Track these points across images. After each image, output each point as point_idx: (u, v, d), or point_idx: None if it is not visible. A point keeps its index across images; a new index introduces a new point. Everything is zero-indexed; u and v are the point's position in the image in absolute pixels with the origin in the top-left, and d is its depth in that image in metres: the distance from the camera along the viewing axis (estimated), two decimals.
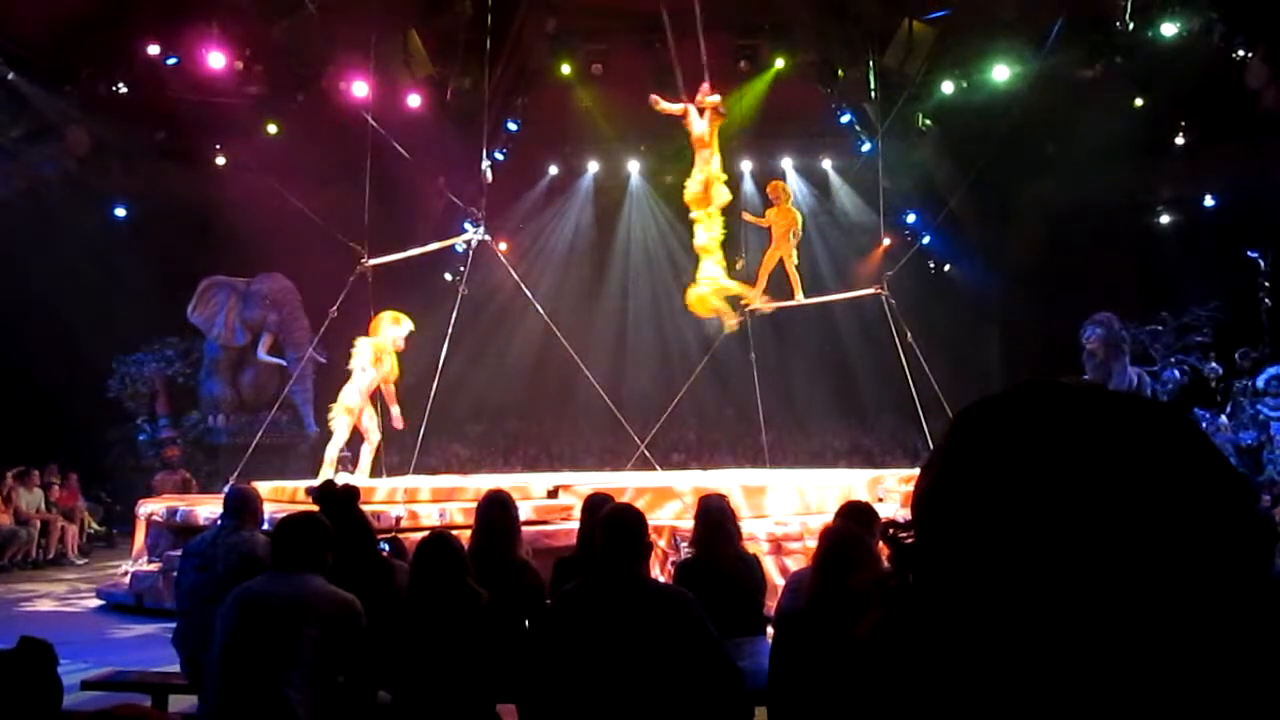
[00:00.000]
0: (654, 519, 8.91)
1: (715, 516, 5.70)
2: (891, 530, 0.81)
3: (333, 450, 12.06)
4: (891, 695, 0.77)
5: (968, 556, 0.74)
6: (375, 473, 12.36)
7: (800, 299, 14.64)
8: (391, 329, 12.16)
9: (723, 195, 12.56)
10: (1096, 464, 0.72)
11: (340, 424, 11.99)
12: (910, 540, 0.79)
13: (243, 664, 3.91)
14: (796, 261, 14.50)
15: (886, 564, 0.84)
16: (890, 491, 11.09)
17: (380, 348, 12.09)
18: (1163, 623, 0.69)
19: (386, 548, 5.74)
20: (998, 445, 0.75)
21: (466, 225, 15.59)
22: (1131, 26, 15.78)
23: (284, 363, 18.40)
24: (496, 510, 5.49)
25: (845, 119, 19.59)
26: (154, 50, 16.31)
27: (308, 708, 3.87)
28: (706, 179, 12.45)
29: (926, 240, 20.59)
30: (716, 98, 12.56)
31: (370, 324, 12.22)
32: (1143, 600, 0.69)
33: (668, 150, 21.83)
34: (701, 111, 12.48)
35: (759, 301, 14.23)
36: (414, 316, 12.90)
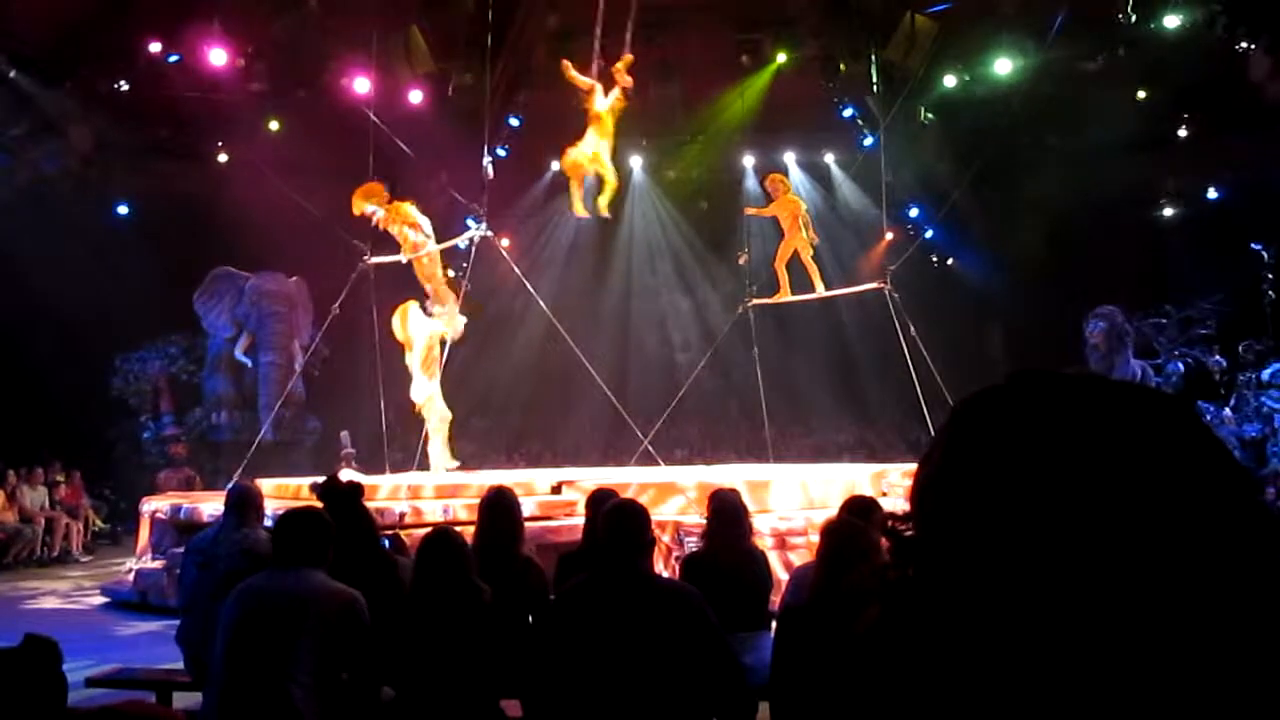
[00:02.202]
0: (658, 514, 8.92)
1: (729, 512, 5.71)
2: (891, 523, 0.80)
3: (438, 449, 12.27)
4: (891, 687, 0.76)
5: (967, 548, 0.73)
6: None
7: (820, 290, 14.63)
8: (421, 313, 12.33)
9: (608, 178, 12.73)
10: (1097, 454, 0.71)
11: (434, 418, 12.20)
12: (910, 533, 0.79)
13: (245, 661, 3.91)
14: (813, 252, 14.49)
15: (888, 557, 0.84)
16: (894, 486, 11.08)
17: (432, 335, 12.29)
18: (1164, 616, 0.68)
19: (387, 544, 5.73)
20: (996, 436, 0.75)
21: (469, 222, 15.58)
22: (1134, 19, 15.74)
23: (249, 363, 18.29)
24: (500, 507, 5.49)
25: (847, 113, 19.57)
26: (156, 48, 16.30)
27: (311, 704, 3.87)
28: (595, 154, 12.59)
29: (929, 234, 20.55)
30: (628, 81, 12.70)
31: (398, 318, 12.28)
32: (1143, 593, 0.68)
33: (670, 145, 21.86)
34: (607, 90, 12.66)
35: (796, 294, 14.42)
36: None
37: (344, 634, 4.01)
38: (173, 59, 16.47)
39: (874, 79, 17.18)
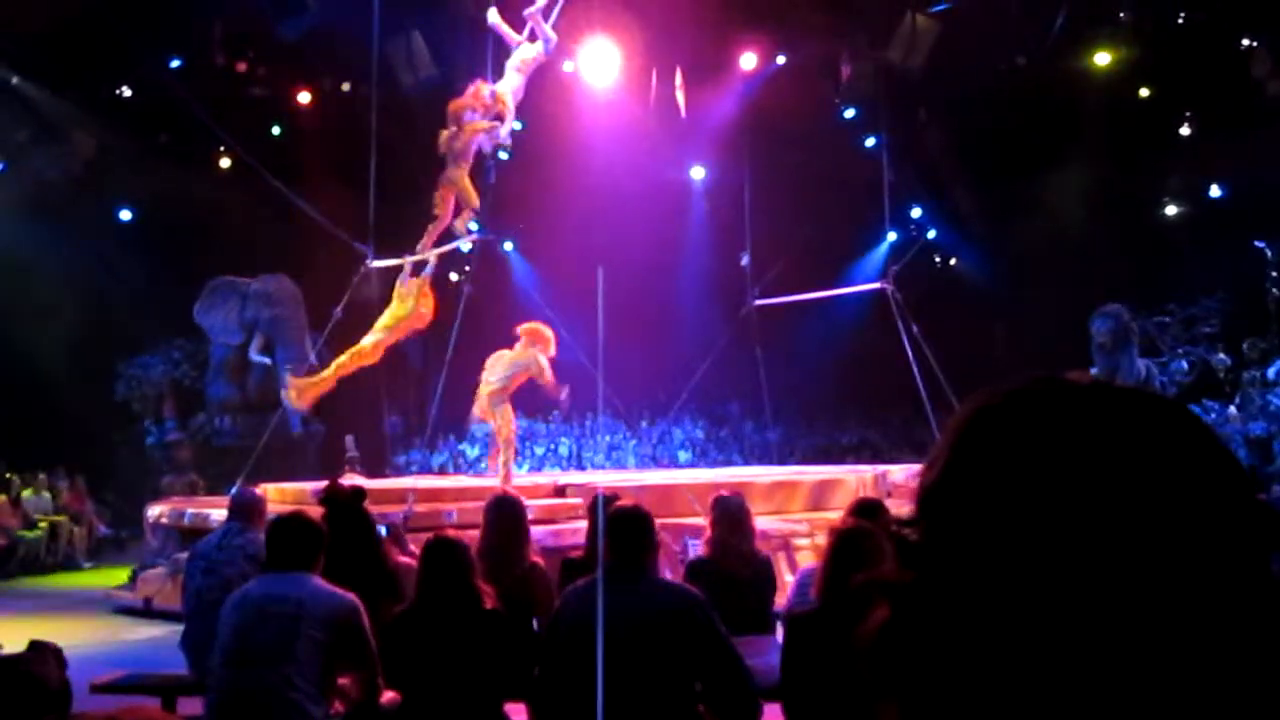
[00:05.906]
0: (661, 518, 8.91)
1: (735, 515, 5.71)
2: (896, 526, 0.80)
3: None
4: (896, 692, 0.76)
5: (972, 552, 0.73)
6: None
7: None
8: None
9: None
10: (1101, 461, 0.72)
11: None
12: (915, 536, 0.78)
13: (245, 666, 3.91)
14: None
15: (894, 561, 0.83)
16: (898, 487, 11.08)
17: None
18: (1167, 618, 0.69)
19: (384, 532, 5.69)
20: (1002, 441, 0.75)
21: (471, 224, 15.59)
22: (1137, 16, 15.73)
23: (269, 362, 18.22)
24: (505, 510, 5.49)
25: (849, 114, 19.53)
26: (158, 52, 16.31)
27: (311, 708, 3.87)
28: None
29: (932, 234, 20.54)
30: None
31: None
32: (1147, 597, 0.69)
33: (670, 145, 21.81)
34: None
35: None
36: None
37: (342, 637, 4.00)
38: (175, 63, 16.48)
39: (876, 79, 17.16)
